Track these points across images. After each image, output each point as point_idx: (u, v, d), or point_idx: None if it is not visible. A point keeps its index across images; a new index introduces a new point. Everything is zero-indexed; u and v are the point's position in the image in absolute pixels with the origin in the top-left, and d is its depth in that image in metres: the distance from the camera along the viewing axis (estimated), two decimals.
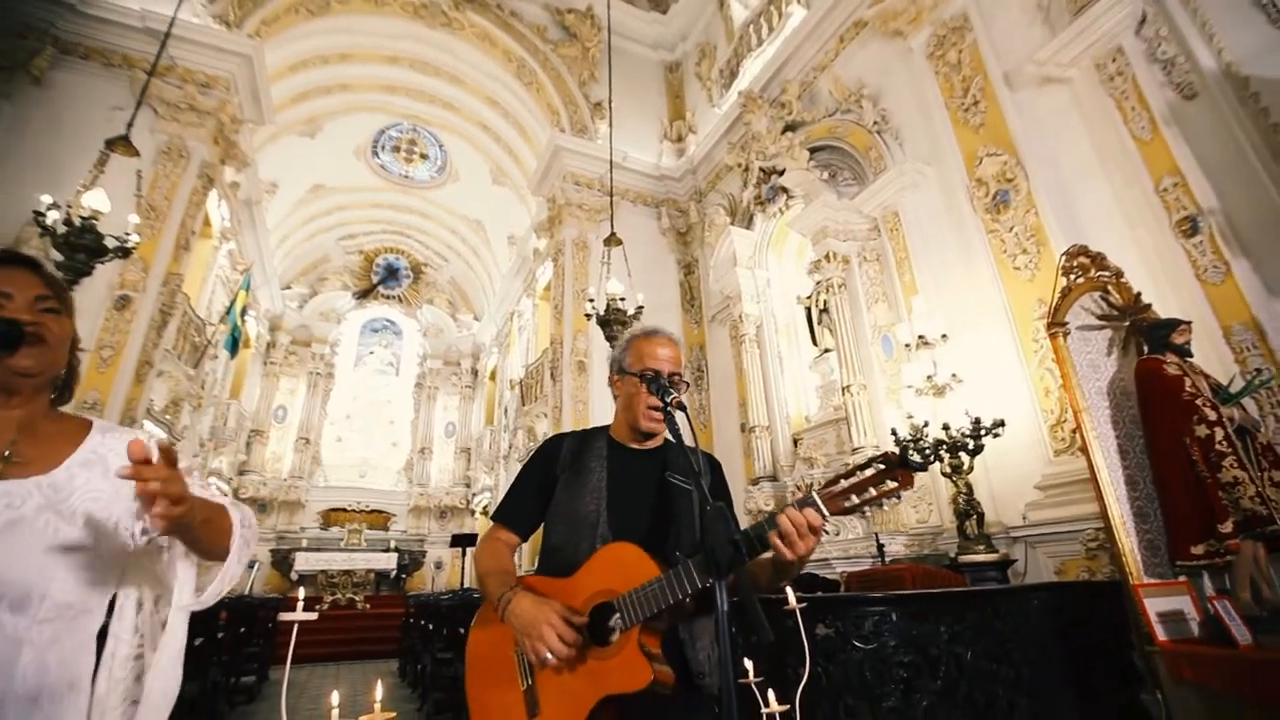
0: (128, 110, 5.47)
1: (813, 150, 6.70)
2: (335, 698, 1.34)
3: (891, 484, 1.08)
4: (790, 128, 7.10)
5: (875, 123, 6.13)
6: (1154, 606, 2.38)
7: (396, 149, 13.81)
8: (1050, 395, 4.17)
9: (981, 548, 4.19)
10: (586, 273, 8.55)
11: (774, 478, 6.88)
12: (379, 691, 1.50)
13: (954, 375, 4.76)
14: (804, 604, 1.95)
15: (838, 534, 5.46)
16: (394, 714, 1.42)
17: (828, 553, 5.31)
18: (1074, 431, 3.80)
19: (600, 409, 7.83)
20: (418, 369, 17.61)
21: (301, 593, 1.47)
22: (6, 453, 0.88)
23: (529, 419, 10.61)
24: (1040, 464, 4.23)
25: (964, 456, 4.31)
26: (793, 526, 1.06)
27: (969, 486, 4.35)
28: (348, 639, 10.27)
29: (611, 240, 6.34)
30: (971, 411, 4.32)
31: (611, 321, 5.96)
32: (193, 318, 8.64)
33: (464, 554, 10.50)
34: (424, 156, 14.08)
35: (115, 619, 0.91)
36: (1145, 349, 3.01)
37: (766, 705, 1.78)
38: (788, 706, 1.80)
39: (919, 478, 4.86)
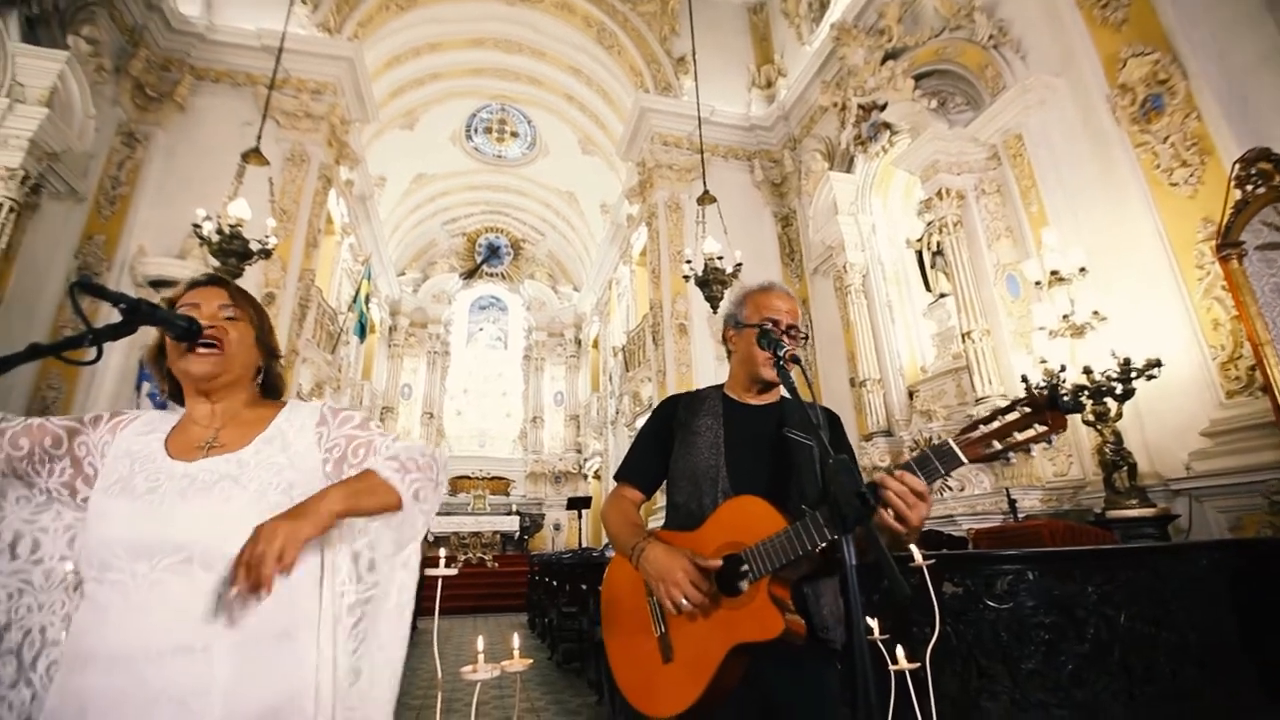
0: (255, 124, 6.03)
1: (918, 78, 6.12)
2: (480, 643, 1.47)
3: (1040, 428, 0.98)
4: (891, 56, 6.52)
5: (991, 36, 5.47)
6: None
7: (488, 130, 14.26)
8: (1220, 329, 3.63)
9: (1134, 502, 3.79)
10: (681, 234, 8.46)
11: (888, 433, 6.59)
12: (516, 640, 1.62)
13: (1095, 313, 4.27)
14: (931, 561, 1.86)
15: (962, 489, 5.15)
16: (530, 660, 1.53)
17: (952, 509, 5.03)
18: (1253, 369, 3.31)
19: (703, 371, 7.81)
20: (524, 342, 18.42)
21: (443, 552, 1.62)
22: (211, 439, 1.03)
23: (634, 384, 10.82)
24: (1208, 407, 3.72)
25: (1110, 402, 3.88)
26: (897, 496, 0.98)
27: (1117, 435, 3.93)
28: (481, 594, 11.20)
29: (705, 199, 6.21)
30: (1119, 352, 3.86)
31: (710, 281, 5.88)
32: (326, 308, 9.53)
33: (580, 516, 11.04)
34: (514, 134, 14.44)
35: (329, 573, 1.00)
36: None
37: (894, 662, 1.73)
38: (918, 664, 1.75)
39: None
